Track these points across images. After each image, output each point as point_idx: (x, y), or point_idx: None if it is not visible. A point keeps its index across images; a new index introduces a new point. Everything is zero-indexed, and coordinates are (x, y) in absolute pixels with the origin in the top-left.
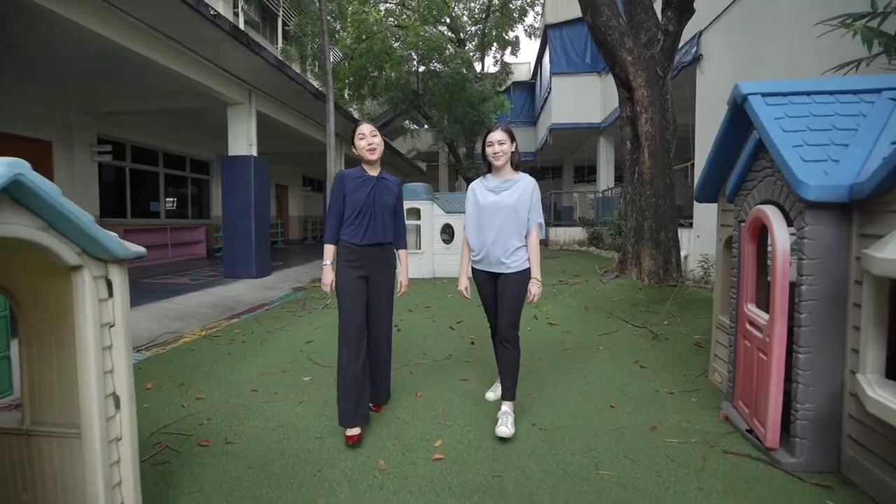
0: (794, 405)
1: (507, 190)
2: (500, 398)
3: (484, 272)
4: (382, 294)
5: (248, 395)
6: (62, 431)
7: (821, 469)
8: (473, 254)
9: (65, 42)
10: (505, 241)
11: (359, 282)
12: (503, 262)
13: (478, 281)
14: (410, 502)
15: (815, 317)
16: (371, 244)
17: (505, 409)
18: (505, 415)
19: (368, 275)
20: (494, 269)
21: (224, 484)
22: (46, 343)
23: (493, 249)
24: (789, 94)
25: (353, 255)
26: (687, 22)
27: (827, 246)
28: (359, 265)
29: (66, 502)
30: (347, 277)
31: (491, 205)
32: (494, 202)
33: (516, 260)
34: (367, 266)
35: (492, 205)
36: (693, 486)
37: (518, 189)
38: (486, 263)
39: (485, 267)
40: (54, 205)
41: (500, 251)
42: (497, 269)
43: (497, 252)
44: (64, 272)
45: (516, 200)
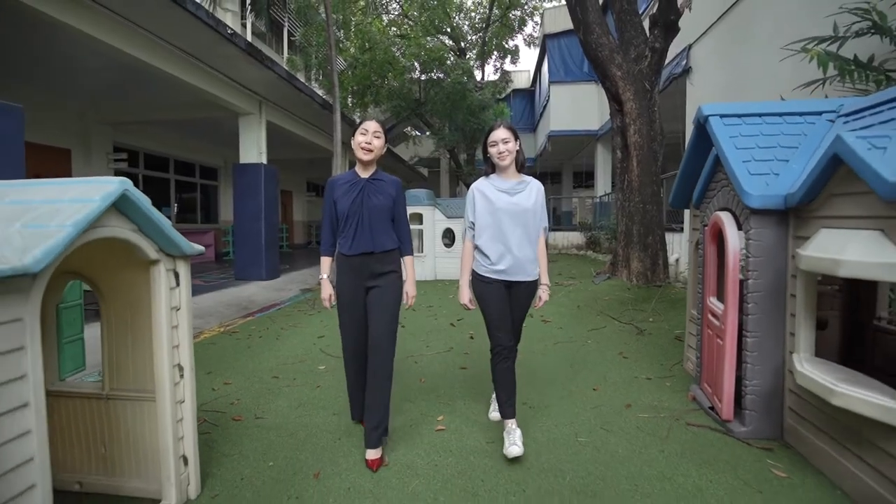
0: (745, 382)
1: (523, 192)
2: (503, 417)
3: (499, 281)
4: (380, 308)
5: (270, 381)
6: (136, 395)
7: (766, 436)
8: (489, 262)
9: (89, 57)
10: (529, 246)
11: (356, 295)
12: (525, 269)
13: (489, 292)
14: (418, 462)
15: (759, 306)
16: (360, 254)
17: (512, 426)
18: (513, 432)
19: (366, 286)
20: (516, 277)
21: (258, 448)
22: (123, 325)
23: (520, 254)
24: (743, 116)
25: (347, 266)
26: (672, 39)
27: (768, 246)
28: (354, 276)
29: (136, 455)
30: (343, 290)
31: (511, 206)
32: (513, 204)
33: (535, 268)
34: (362, 277)
35: (512, 206)
36: (656, 450)
37: (532, 192)
38: (506, 272)
39: (504, 276)
40: (145, 212)
41: (525, 257)
42: (518, 278)
43: (523, 257)
44: (143, 266)
45: (533, 203)
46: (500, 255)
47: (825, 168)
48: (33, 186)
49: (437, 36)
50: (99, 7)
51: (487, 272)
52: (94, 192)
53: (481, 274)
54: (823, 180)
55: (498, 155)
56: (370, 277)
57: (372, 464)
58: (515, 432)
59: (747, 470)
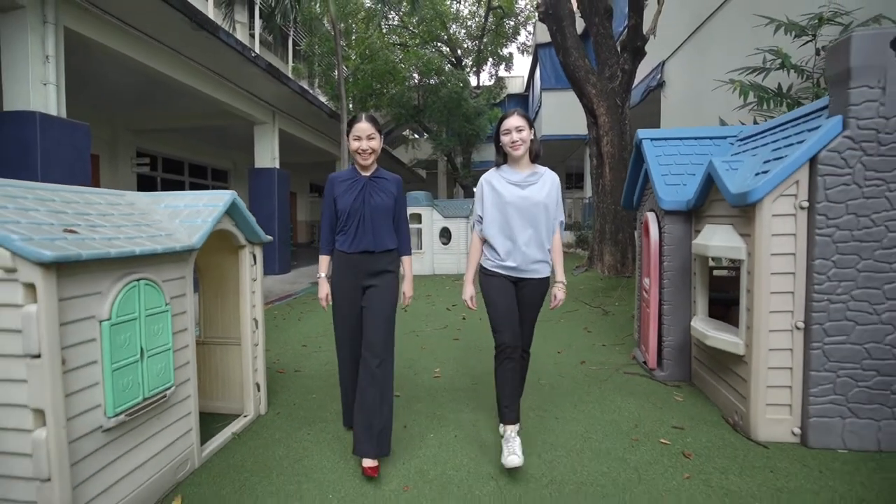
0: (663, 339)
1: (535, 184)
2: (502, 421)
3: (505, 277)
4: (377, 308)
5: (300, 349)
6: (224, 341)
7: (678, 378)
8: (497, 257)
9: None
10: (540, 242)
11: (354, 293)
12: (535, 266)
13: (494, 286)
14: (418, 406)
15: (672, 282)
16: (360, 252)
17: (511, 433)
18: (513, 440)
19: (364, 286)
20: (524, 273)
21: (300, 388)
22: (214, 291)
23: (529, 251)
24: (668, 139)
25: (346, 264)
26: (640, 62)
27: (677, 238)
28: (353, 274)
29: (223, 383)
30: (340, 290)
31: (520, 200)
32: (524, 197)
33: (546, 264)
34: (361, 276)
35: (521, 200)
36: (596, 388)
37: (546, 184)
38: (515, 269)
39: (511, 272)
40: (242, 213)
41: (536, 252)
42: (526, 275)
43: (532, 253)
44: (232, 250)
45: (546, 196)
46: (509, 251)
47: (706, 182)
48: (177, 196)
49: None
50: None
51: (495, 266)
52: (217, 200)
53: (488, 268)
54: (706, 190)
55: (511, 144)
56: (368, 276)
57: (371, 471)
58: (515, 441)
59: (657, 398)
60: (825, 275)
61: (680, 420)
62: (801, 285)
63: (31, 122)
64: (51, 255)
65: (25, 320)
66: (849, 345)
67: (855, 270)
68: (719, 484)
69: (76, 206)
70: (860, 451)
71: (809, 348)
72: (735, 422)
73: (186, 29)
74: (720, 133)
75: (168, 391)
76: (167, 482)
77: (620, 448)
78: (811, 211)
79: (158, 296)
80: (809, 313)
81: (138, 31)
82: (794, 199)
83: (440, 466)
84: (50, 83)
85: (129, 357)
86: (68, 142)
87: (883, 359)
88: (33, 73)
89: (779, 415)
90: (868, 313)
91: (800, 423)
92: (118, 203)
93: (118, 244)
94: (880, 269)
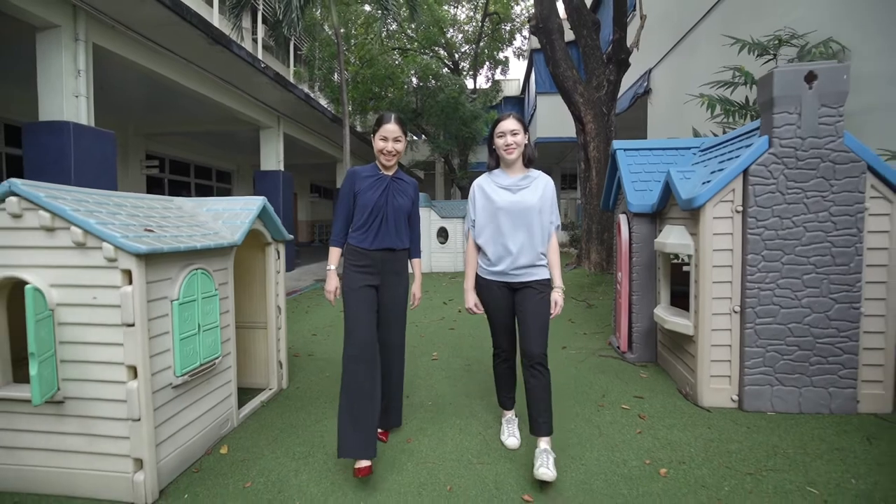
0: (633, 326)
1: (527, 188)
2: (535, 434)
3: (500, 283)
4: (394, 307)
5: (311, 337)
6: (251, 325)
7: (646, 360)
8: (488, 263)
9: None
10: (533, 247)
11: (367, 290)
12: (530, 271)
13: (490, 294)
14: (418, 381)
15: (640, 275)
16: (382, 249)
17: (544, 446)
18: (545, 453)
19: (378, 284)
20: (518, 279)
21: (315, 368)
22: (242, 282)
23: (521, 257)
24: (639, 150)
25: (363, 261)
26: (624, 73)
27: (644, 237)
28: (368, 271)
29: (250, 361)
30: (354, 284)
31: (511, 205)
32: (514, 202)
33: (542, 268)
34: (377, 273)
35: (512, 204)
36: (573, 368)
37: (539, 187)
38: (508, 274)
39: (504, 278)
40: (270, 215)
41: (529, 258)
42: (520, 279)
43: (525, 259)
44: (259, 246)
45: (539, 199)
46: (499, 257)
47: (665, 189)
48: (216, 201)
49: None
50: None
51: (487, 274)
52: (252, 205)
53: (482, 276)
54: (666, 196)
55: (505, 147)
56: (385, 274)
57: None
58: (551, 456)
59: (626, 376)
60: (756, 267)
61: (641, 391)
62: (738, 276)
63: (66, 131)
64: (144, 248)
65: (123, 298)
66: (775, 325)
67: (780, 263)
68: (664, 437)
69: (143, 210)
70: (784, 412)
71: (744, 328)
72: (686, 392)
73: (203, 44)
74: (684, 144)
75: (216, 360)
76: (214, 435)
77: (587, 412)
78: (744, 214)
79: (210, 282)
80: (744, 299)
81: (158, 46)
82: (731, 205)
83: (437, 425)
84: (81, 95)
85: (190, 330)
86: (97, 148)
87: (803, 336)
88: (66, 86)
89: (720, 385)
90: (790, 299)
91: (737, 391)
92: (170, 207)
93: (183, 240)
94: (800, 263)
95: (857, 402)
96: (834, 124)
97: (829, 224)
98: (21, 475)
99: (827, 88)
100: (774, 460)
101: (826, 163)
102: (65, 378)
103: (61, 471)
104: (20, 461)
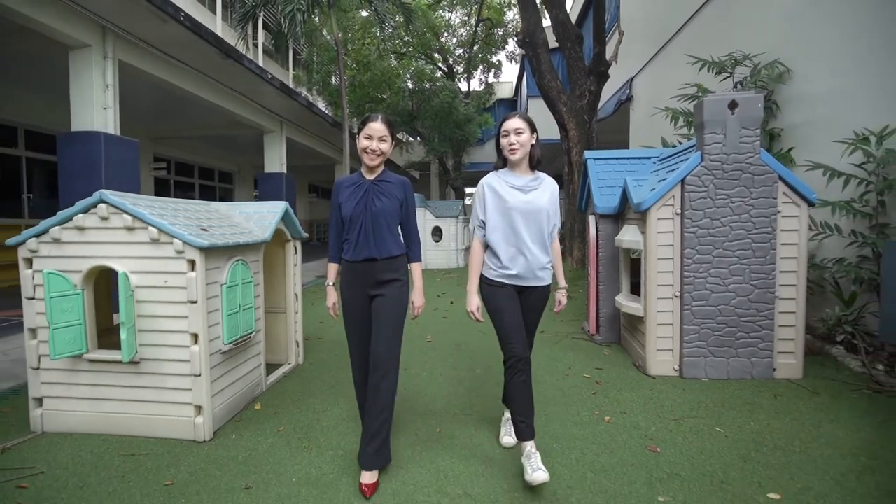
0: (599, 312)
1: (537, 189)
2: (519, 439)
3: (512, 286)
4: (383, 320)
5: (318, 324)
6: (272, 310)
7: (610, 341)
8: (499, 264)
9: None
10: (543, 249)
11: (361, 304)
12: (539, 273)
13: (500, 297)
14: (414, 367)
15: (605, 268)
16: (363, 260)
17: (532, 449)
18: (534, 456)
19: (371, 295)
20: (528, 282)
21: (326, 348)
22: (268, 273)
23: (535, 259)
24: (606, 159)
25: (350, 274)
26: (604, 84)
27: (608, 235)
28: (359, 284)
29: (271, 341)
30: (347, 300)
31: (524, 205)
32: (527, 202)
33: (549, 272)
34: (367, 285)
35: (525, 205)
36: (547, 348)
37: (546, 189)
38: (519, 276)
39: (516, 281)
40: (290, 216)
41: (539, 261)
42: (530, 283)
43: (539, 261)
44: (281, 243)
45: (548, 202)
46: (513, 258)
47: (623, 193)
48: (245, 205)
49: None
50: (175, 61)
51: (498, 276)
52: (277, 208)
53: (491, 278)
54: (624, 200)
55: (509, 146)
56: (374, 285)
57: (367, 488)
58: (536, 456)
59: (592, 353)
60: (691, 259)
61: (602, 365)
62: (678, 267)
63: (97, 141)
64: (206, 243)
65: (188, 281)
66: (707, 307)
67: (711, 256)
68: (614, 397)
69: (192, 213)
70: (716, 379)
71: (683, 310)
72: (639, 364)
73: (216, 58)
74: (646, 154)
75: (251, 334)
76: (249, 395)
77: (553, 379)
78: (682, 216)
79: (247, 271)
80: (682, 286)
81: (175, 60)
82: (672, 208)
83: (429, 391)
84: (109, 107)
85: (234, 309)
86: (124, 155)
87: (729, 316)
88: (96, 99)
89: (664, 357)
90: (719, 285)
91: (678, 362)
92: (210, 210)
93: (228, 237)
94: (727, 256)
95: (774, 369)
96: (752, 143)
97: (749, 224)
98: (107, 420)
99: (746, 114)
100: (696, 411)
101: (746, 174)
102: (141, 343)
103: (138, 416)
104: (106, 409)
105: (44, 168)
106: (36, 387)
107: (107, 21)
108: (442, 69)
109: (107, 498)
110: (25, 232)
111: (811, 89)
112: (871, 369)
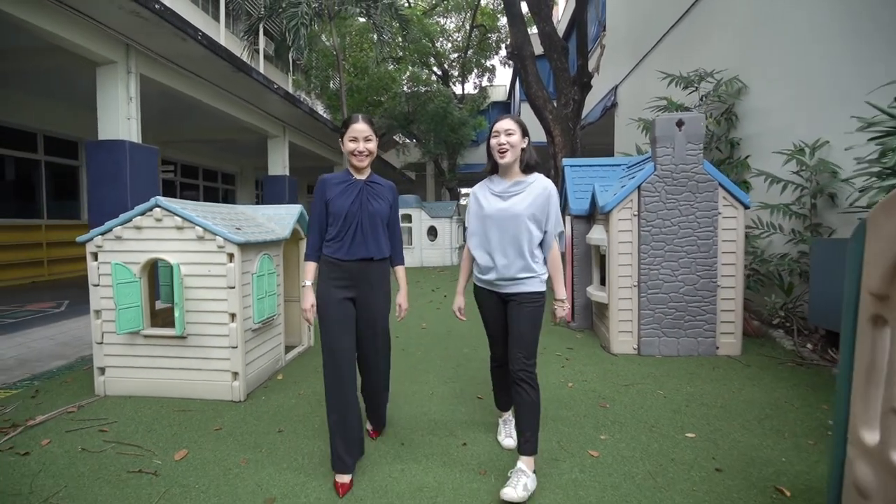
0: (574, 301)
1: (518, 194)
2: (518, 451)
3: (490, 292)
4: (374, 321)
5: None
6: (289, 298)
7: (584, 327)
8: (478, 269)
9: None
10: (519, 258)
11: (344, 304)
12: (516, 282)
13: (483, 302)
14: (411, 348)
15: (579, 263)
16: (357, 259)
17: (522, 466)
18: (520, 473)
19: (356, 296)
20: (506, 289)
21: None
22: (285, 266)
23: (506, 268)
24: (582, 166)
25: (337, 273)
26: (587, 94)
27: (581, 234)
28: (344, 284)
29: (289, 325)
30: (330, 299)
31: (498, 212)
32: (502, 209)
33: (532, 279)
34: (353, 286)
35: (499, 212)
36: None
37: (531, 193)
38: (494, 283)
39: (493, 287)
40: (304, 217)
41: (514, 269)
42: (508, 290)
43: (511, 271)
44: (296, 241)
45: (528, 207)
46: (487, 266)
47: (592, 197)
48: (265, 208)
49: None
50: (190, 74)
51: (479, 281)
52: (294, 210)
53: (475, 283)
54: (593, 202)
55: (498, 147)
56: (362, 286)
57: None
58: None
59: (567, 337)
60: (647, 254)
61: (573, 345)
62: (635, 261)
63: (122, 149)
64: (242, 240)
65: (228, 270)
66: (660, 295)
67: (663, 251)
68: (579, 370)
69: (225, 215)
70: (668, 356)
71: (640, 297)
72: (605, 346)
73: (227, 71)
74: (616, 162)
75: (274, 317)
76: (272, 368)
77: None
78: (639, 217)
79: (271, 264)
80: (639, 277)
81: (190, 73)
82: (630, 210)
83: (425, 366)
84: (132, 118)
85: (262, 294)
86: (146, 162)
87: (679, 302)
88: (121, 111)
89: (625, 338)
90: (670, 276)
91: (636, 342)
92: (237, 212)
93: (258, 235)
94: (677, 251)
95: (717, 347)
96: (696, 155)
97: (695, 224)
98: (159, 385)
99: (691, 131)
100: (645, 380)
101: (692, 181)
102: (188, 322)
103: (185, 381)
104: (159, 376)
105: (59, 171)
106: (100, 358)
107: (131, 40)
108: (437, 73)
109: (171, 438)
110: (92, 231)
111: (763, 104)
112: (800, 347)
